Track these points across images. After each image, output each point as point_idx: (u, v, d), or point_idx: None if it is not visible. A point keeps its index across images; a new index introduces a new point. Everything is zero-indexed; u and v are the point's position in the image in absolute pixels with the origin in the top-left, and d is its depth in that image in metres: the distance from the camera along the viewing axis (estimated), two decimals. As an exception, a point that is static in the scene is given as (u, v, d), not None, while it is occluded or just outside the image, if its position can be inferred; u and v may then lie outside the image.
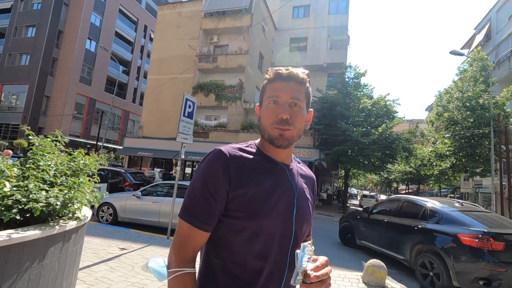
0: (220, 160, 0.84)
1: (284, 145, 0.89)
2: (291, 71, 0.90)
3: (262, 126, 0.91)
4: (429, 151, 22.62)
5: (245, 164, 0.86)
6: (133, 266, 4.16)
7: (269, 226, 0.82)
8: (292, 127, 0.88)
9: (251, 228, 0.81)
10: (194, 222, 0.82)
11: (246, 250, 0.82)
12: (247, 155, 0.89)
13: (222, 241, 0.84)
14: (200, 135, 18.85)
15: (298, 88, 0.90)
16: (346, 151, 16.52)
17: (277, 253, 0.80)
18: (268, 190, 0.85)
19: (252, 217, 0.81)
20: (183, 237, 0.83)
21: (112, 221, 7.23)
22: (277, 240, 0.81)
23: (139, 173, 11.88)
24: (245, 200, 0.82)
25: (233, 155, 0.86)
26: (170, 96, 19.89)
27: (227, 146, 0.89)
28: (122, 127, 31.28)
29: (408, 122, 46.87)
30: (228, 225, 0.83)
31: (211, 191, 0.82)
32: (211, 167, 0.83)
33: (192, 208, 0.83)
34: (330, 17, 22.30)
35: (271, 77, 0.91)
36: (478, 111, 16.00)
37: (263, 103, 0.92)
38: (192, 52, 20.44)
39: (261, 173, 0.87)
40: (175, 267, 0.81)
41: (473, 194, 23.69)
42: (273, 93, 0.89)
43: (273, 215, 0.83)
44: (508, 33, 21.46)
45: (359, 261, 6.44)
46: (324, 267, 0.75)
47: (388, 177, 39.43)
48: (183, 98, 5.94)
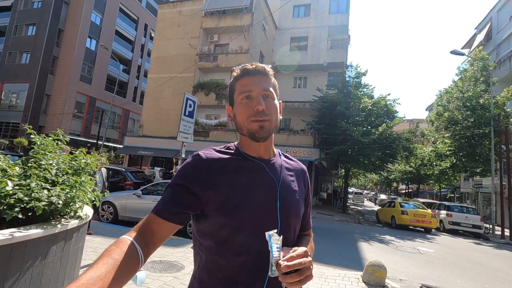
0: (196, 161, 0.87)
1: (265, 137, 0.90)
2: (257, 64, 0.93)
3: (239, 123, 0.92)
4: (429, 151, 22.64)
5: (220, 164, 0.88)
6: (133, 264, 4.16)
7: (250, 221, 0.82)
8: (269, 117, 0.89)
9: (231, 225, 0.82)
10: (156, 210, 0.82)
11: (228, 247, 0.82)
12: (223, 155, 0.90)
13: (206, 241, 0.86)
14: (200, 134, 18.84)
15: (267, 80, 0.93)
16: (346, 150, 16.53)
17: (260, 247, 0.79)
18: (245, 187, 0.85)
19: (230, 214, 0.82)
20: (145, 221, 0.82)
21: (112, 220, 7.24)
22: (260, 234, 0.78)
23: (140, 172, 11.89)
24: (223, 199, 0.83)
25: (209, 156, 0.88)
26: (171, 95, 19.89)
27: (204, 149, 0.92)
28: (122, 126, 31.28)
29: (408, 121, 46.80)
30: (209, 224, 0.85)
31: (180, 189, 0.83)
32: (187, 166, 0.86)
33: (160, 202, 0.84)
34: (331, 17, 22.26)
35: (239, 74, 0.93)
36: (478, 111, 16.00)
37: (235, 101, 0.93)
38: (192, 51, 20.42)
39: (238, 170, 0.88)
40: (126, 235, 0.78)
41: (473, 194, 23.71)
42: (243, 88, 0.91)
43: (253, 210, 0.84)
44: (509, 33, 21.43)
45: (360, 260, 6.46)
46: (300, 257, 0.74)
47: (388, 177, 39.43)
48: (184, 97, 5.95)
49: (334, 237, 9.26)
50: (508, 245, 12.02)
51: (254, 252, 0.81)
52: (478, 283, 5.67)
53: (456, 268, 6.91)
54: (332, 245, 7.79)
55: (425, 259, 7.43)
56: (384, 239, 9.80)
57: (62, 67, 26.19)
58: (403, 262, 6.77)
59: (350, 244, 8.48)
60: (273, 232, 0.74)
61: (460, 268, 6.94)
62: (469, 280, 5.84)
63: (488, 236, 13.66)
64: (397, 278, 5.09)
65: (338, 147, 16.23)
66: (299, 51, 22.10)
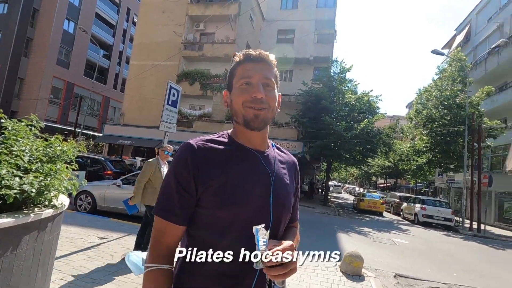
0: (188, 153, 0.84)
1: (260, 127, 0.88)
2: (261, 52, 0.91)
3: (235, 109, 0.90)
4: (407, 147, 23.46)
5: (214, 154, 0.86)
6: (112, 255, 4.09)
7: (243, 215, 0.82)
8: (266, 105, 0.87)
9: (224, 218, 0.81)
10: (167, 216, 0.83)
11: (220, 240, 0.81)
12: (217, 146, 0.88)
13: (197, 233, 0.85)
14: (184, 124, 18.52)
15: (269, 68, 0.91)
16: (329, 144, 16.82)
17: (253, 240, 0.78)
18: (240, 179, 0.84)
19: (225, 207, 0.81)
20: (158, 233, 0.84)
21: (90, 210, 7.04)
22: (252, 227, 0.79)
23: (120, 162, 11.58)
24: (216, 190, 0.82)
25: (201, 147, 0.86)
26: (154, 83, 19.34)
27: (196, 139, 0.89)
28: (102, 113, 30.18)
29: (389, 118, 48.15)
30: (202, 216, 0.84)
31: (183, 184, 0.83)
32: (181, 160, 0.84)
33: (165, 203, 0.84)
34: (318, 11, 22.26)
35: (241, 59, 0.91)
36: (454, 110, 16.69)
37: (234, 86, 0.91)
38: (177, 38, 19.87)
39: (232, 162, 0.86)
40: (150, 262, 0.82)
41: (446, 188, 24.91)
42: (244, 74, 0.88)
43: (247, 203, 0.83)
44: (486, 35, 22.32)
45: (338, 251, 6.65)
46: (286, 251, 0.75)
47: (368, 171, 40.68)
48: (167, 86, 5.79)
49: (314, 229, 9.48)
50: (476, 237, 12.78)
51: (246, 245, 0.80)
52: (447, 273, 6.01)
53: (428, 258, 7.29)
54: (312, 236, 7.97)
55: (399, 250, 7.77)
56: (362, 231, 10.14)
57: (37, 49, 24.73)
58: (379, 252, 7.06)
59: (330, 236, 8.72)
60: (260, 227, 0.75)
61: (432, 259, 7.32)
62: (439, 270, 6.17)
63: (458, 229, 14.46)
64: (373, 268, 5.30)
65: (321, 141, 16.48)
66: (286, 43, 22.03)
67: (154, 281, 0.81)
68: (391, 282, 4.88)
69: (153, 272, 0.81)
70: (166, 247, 0.84)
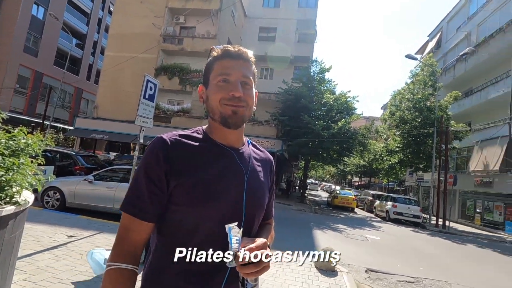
0: (160, 147, 0.81)
1: (238, 124, 0.87)
2: (240, 48, 0.88)
3: (211, 106, 0.88)
4: (381, 147, 24.41)
5: (188, 150, 0.84)
6: (82, 254, 3.91)
7: (216, 213, 0.81)
8: (244, 103, 0.86)
9: (197, 215, 0.80)
10: (135, 212, 0.79)
11: (192, 238, 0.80)
12: (191, 142, 0.86)
13: (167, 230, 0.82)
14: (161, 119, 18.06)
15: (248, 66, 0.89)
16: (307, 143, 17.11)
17: (225, 238, 0.77)
18: (213, 176, 0.83)
19: (197, 204, 0.79)
20: (123, 230, 0.81)
21: (59, 207, 6.69)
22: (225, 225, 0.78)
23: (92, 157, 11.08)
24: (189, 187, 0.80)
25: (174, 142, 0.83)
26: (130, 76, 18.65)
27: (169, 133, 0.86)
28: (74, 106, 28.71)
29: (365, 118, 49.81)
30: (173, 213, 0.81)
31: (154, 179, 0.80)
32: (152, 155, 0.81)
33: (134, 198, 0.81)
34: (300, 10, 22.49)
35: (219, 54, 0.88)
36: (425, 113, 17.57)
37: (210, 82, 0.88)
38: (156, 31, 19.27)
39: (206, 159, 0.85)
40: (111, 261, 0.78)
41: (416, 187, 26.25)
42: (222, 70, 0.86)
43: (220, 201, 0.82)
44: (455, 43, 23.65)
45: (313, 247, 6.81)
46: (259, 249, 0.75)
47: (344, 170, 41.84)
48: (144, 79, 5.60)
49: (291, 226, 9.62)
50: (441, 232, 13.59)
51: (218, 243, 0.79)
52: (415, 267, 6.35)
53: (397, 253, 7.65)
54: (289, 233, 8.09)
55: (371, 245, 8.09)
56: (337, 227, 10.44)
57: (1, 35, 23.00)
58: (353, 248, 7.31)
59: (306, 232, 8.90)
60: (233, 225, 0.75)
61: (401, 254, 7.69)
62: (407, 264, 6.50)
63: (425, 225, 15.29)
64: (346, 264, 5.48)
65: (300, 140, 16.73)
66: (267, 41, 22.07)
67: (113, 282, 0.76)
68: (362, 277, 5.07)
69: (114, 271, 0.77)
70: (131, 245, 0.80)
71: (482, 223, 17.45)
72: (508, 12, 17.80)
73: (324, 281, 4.23)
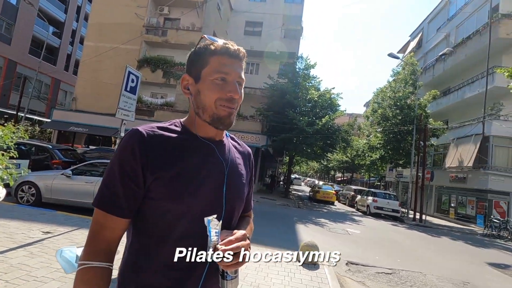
0: (136, 140, 0.78)
1: (229, 126, 0.86)
2: (238, 47, 0.86)
3: (203, 103, 0.84)
4: (363, 143, 24.99)
5: (166, 143, 0.81)
6: (58, 251, 3.78)
7: (196, 206, 0.79)
8: (237, 105, 0.85)
9: (176, 210, 0.78)
10: (110, 208, 0.76)
11: (171, 232, 0.78)
12: (169, 134, 0.83)
13: (145, 226, 0.80)
14: (144, 113, 17.64)
15: (242, 65, 0.87)
16: (292, 138, 17.25)
17: (203, 232, 0.76)
18: (193, 169, 0.81)
19: (177, 198, 0.77)
20: (96, 226, 0.77)
21: (34, 202, 6.42)
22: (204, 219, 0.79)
23: (71, 150, 10.68)
24: (168, 181, 0.77)
25: (151, 134, 0.80)
26: (111, 67, 18.02)
27: (145, 126, 0.82)
28: (51, 97, 27.48)
29: (348, 115, 50.79)
30: (151, 208, 0.79)
31: (129, 173, 0.76)
32: (127, 148, 0.77)
33: (108, 194, 0.77)
34: (286, 5, 22.46)
35: (217, 49, 0.84)
36: (405, 110, 18.12)
37: (205, 77, 0.84)
38: (138, 21, 18.67)
39: (185, 152, 0.82)
40: (84, 259, 0.74)
41: (395, 182, 27.13)
42: (221, 68, 0.82)
43: (200, 194, 0.80)
44: (435, 43, 24.42)
45: (296, 241, 6.92)
46: (238, 241, 0.75)
47: (327, 165, 42.63)
48: (126, 70, 5.43)
49: (274, 220, 9.72)
50: (418, 226, 14.16)
51: (197, 237, 0.78)
52: (392, 259, 6.59)
53: (376, 246, 7.91)
54: (272, 228, 8.18)
55: (352, 239, 8.32)
56: (319, 222, 10.64)
57: (-30, 19, 21.58)
58: (334, 242, 7.48)
59: (289, 227, 9.02)
60: (212, 218, 0.74)
61: (380, 246, 7.96)
62: (386, 257, 6.74)
63: (403, 219, 15.87)
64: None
65: (284, 135, 16.83)
66: (253, 36, 21.93)
67: (86, 281, 0.73)
68: (343, 269, 5.21)
69: (87, 270, 0.74)
70: (105, 242, 0.77)
71: (456, 217, 18.33)
72: (484, 15, 18.55)
73: (306, 274, 4.31)
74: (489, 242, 11.60)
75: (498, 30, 16.61)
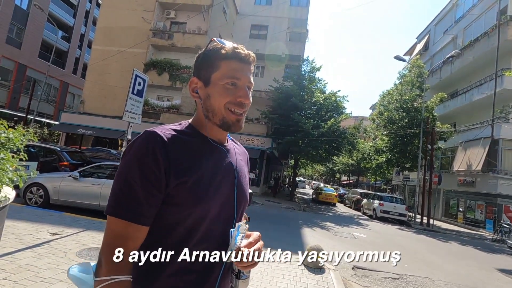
0: (156, 143, 0.74)
1: (238, 130, 0.87)
2: (248, 52, 0.86)
3: (213, 107, 0.83)
4: (369, 146, 24.80)
5: (185, 147, 0.80)
6: (66, 252, 3.81)
7: (213, 210, 0.80)
8: (246, 109, 0.87)
9: (197, 214, 0.78)
10: (133, 217, 0.72)
11: (189, 237, 0.78)
12: (185, 137, 0.82)
13: (161, 231, 0.77)
14: (150, 115, 17.81)
15: (251, 70, 0.88)
16: (297, 141, 17.20)
17: (221, 235, 0.79)
18: (210, 174, 0.81)
19: (197, 203, 0.77)
20: (117, 239, 0.71)
21: (42, 203, 6.50)
22: (221, 222, 0.81)
23: (78, 152, 10.82)
24: (190, 185, 0.76)
25: (170, 137, 0.77)
26: (118, 70, 18.27)
27: (161, 128, 0.80)
28: (60, 100, 27.93)
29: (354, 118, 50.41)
30: (172, 213, 0.77)
31: (151, 178, 0.72)
32: (147, 151, 0.73)
33: (128, 201, 0.72)
34: (291, 9, 22.53)
35: (228, 54, 0.83)
36: (412, 113, 17.94)
37: (215, 82, 0.83)
38: (145, 25, 18.92)
39: (203, 155, 0.82)
40: (106, 275, 0.69)
41: (402, 186, 26.81)
42: (231, 73, 0.82)
43: (217, 198, 0.81)
44: (442, 46, 24.19)
45: (302, 245, 6.86)
46: (256, 242, 0.78)
47: (332, 168, 42.35)
48: (133, 74, 5.49)
49: (280, 224, 9.67)
50: (425, 230, 13.95)
51: (214, 239, 0.79)
52: (399, 264, 6.48)
53: (383, 250, 7.78)
54: (278, 231, 8.13)
55: (358, 243, 8.22)
56: (325, 225, 10.56)
57: (-18, 24, 22.09)
58: (340, 246, 7.40)
59: (294, 230, 8.96)
60: (242, 223, 0.78)
61: (386, 251, 7.84)
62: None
63: (410, 223, 15.66)
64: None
65: (289, 138, 16.80)
66: (258, 39, 22.03)
67: None
68: (349, 274, 5.15)
69: (112, 286, 0.69)
70: (127, 254, 0.71)
71: (464, 221, 18.01)
72: (492, 17, 18.33)
73: (312, 278, 4.27)
74: (499, 247, 11.36)
75: (507, 32, 16.39)
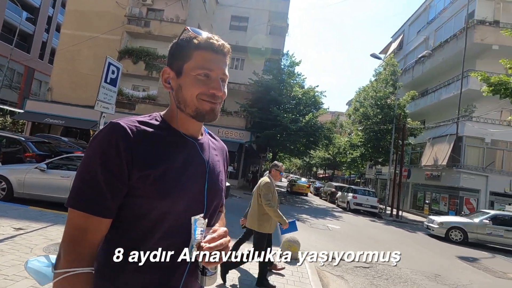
0: (118, 135, 0.73)
1: (213, 120, 0.84)
2: (223, 43, 0.83)
3: (184, 98, 0.81)
4: (345, 141, 25.55)
5: (151, 140, 0.77)
6: (31, 248, 3.62)
7: (180, 205, 0.78)
8: (220, 100, 0.84)
9: (162, 208, 0.75)
10: (94, 209, 0.70)
11: (154, 231, 0.76)
12: (152, 129, 0.79)
13: (124, 224, 0.76)
14: (125, 105, 17.14)
15: (226, 61, 0.85)
16: (276, 135, 17.35)
17: (187, 230, 0.76)
18: (178, 167, 0.79)
19: (162, 197, 0.75)
20: (78, 231, 0.70)
21: (5, 197, 6.09)
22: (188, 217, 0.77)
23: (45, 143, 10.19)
24: (153, 179, 0.74)
25: (134, 129, 0.75)
26: (90, 57, 17.32)
27: (126, 119, 0.78)
28: (24, 86, 26.07)
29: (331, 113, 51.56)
30: (134, 206, 0.75)
31: (113, 171, 0.71)
32: (109, 143, 0.72)
33: (90, 193, 0.70)
34: (272, 2, 22.38)
35: (201, 43, 0.81)
36: (385, 110, 18.66)
37: (187, 72, 0.81)
38: (120, 10, 18.01)
39: (170, 149, 0.80)
40: (66, 267, 0.67)
41: (374, 179, 27.98)
42: (204, 64, 0.80)
43: (184, 192, 0.79)
44: (415, 46, 25.22)
45: (278, 237, 6.98)
46: (220, 238, 0.76)
47: (309, 162, 43.26)
48: (106, 61, 5.23)
49: (257, 216, 9.77)
50: (394, 222, 14.71)
51: (179, 235, 0.77)
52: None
53: (355, 241, 8.15)
54: (255, 224, 8.21)
55: (332, 234, 8.52)
56: (301, 217, 10.80)
57: None
58: (315, 237, 7.63)
59: (271, 222, 9.09)
60: (199, 217, 0.75)
61: (358, 241, 8.21)
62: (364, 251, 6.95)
63: (381, 215, 16.43)
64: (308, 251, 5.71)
65: (268, 131, 16.90)
66: (238, 31, 21.74)
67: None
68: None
69: (71, 278, 0.67)
70: (88, 247, 0.70)
71: (430, 213, 19.17)
72: (461, 20, 19.33)
73: (287, 269, 4.38)
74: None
75: (474, 35, 17.37)
